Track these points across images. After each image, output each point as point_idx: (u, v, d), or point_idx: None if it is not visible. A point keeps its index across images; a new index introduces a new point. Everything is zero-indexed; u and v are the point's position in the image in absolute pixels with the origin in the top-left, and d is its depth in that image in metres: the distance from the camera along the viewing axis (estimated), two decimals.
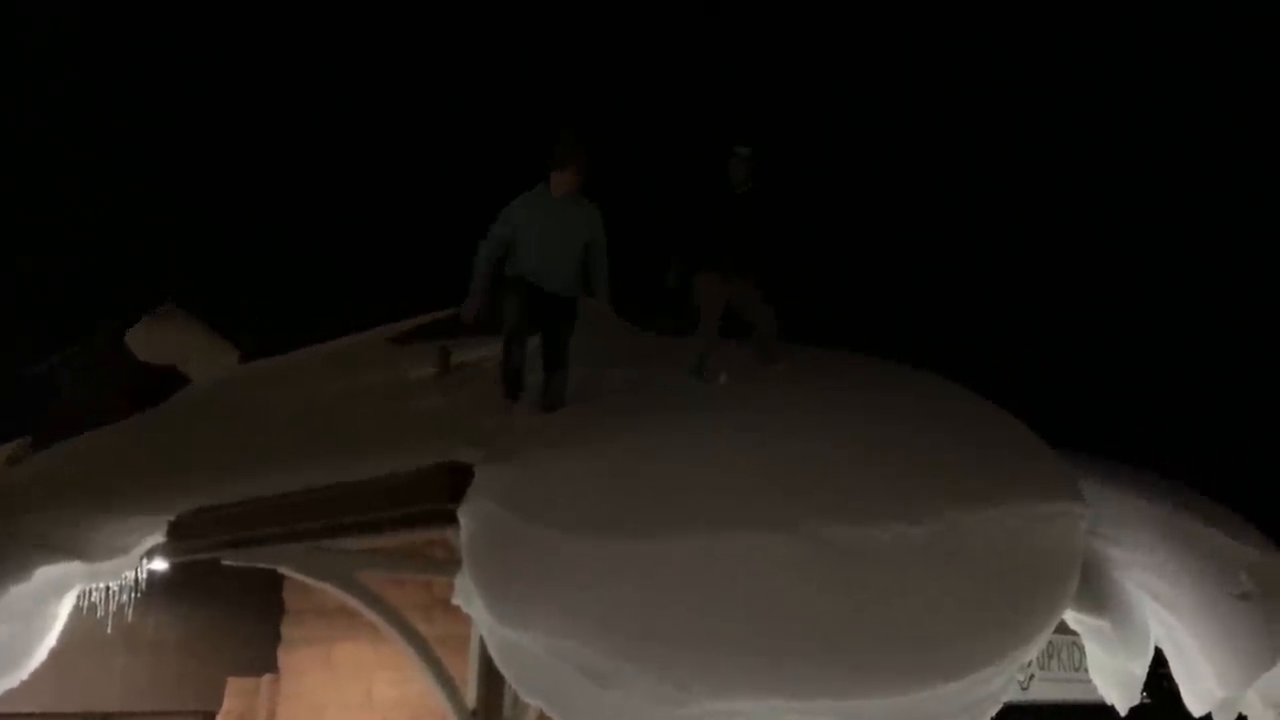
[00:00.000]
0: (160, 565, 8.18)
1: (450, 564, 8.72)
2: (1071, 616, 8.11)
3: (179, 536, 7.44)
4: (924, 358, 7.18)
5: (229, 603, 10.14)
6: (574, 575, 4.67)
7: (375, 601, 8.31)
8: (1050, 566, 5.55)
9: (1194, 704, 8.14)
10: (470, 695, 8.37)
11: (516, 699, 8.30)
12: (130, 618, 8.72)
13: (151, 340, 12.05)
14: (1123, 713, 8.36)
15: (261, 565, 7.66)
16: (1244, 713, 8.29)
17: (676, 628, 4.43)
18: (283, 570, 8.05)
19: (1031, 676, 9.32)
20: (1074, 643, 9.55)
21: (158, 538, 7.29)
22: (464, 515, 5.32)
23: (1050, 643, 9.92)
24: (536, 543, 4.89)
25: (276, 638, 10.59)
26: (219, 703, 10.12)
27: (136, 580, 8.03)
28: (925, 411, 6.08)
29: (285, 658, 10.54)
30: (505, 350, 6.35)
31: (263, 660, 10.46)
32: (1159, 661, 8.51)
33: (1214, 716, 8.16)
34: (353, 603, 8.21)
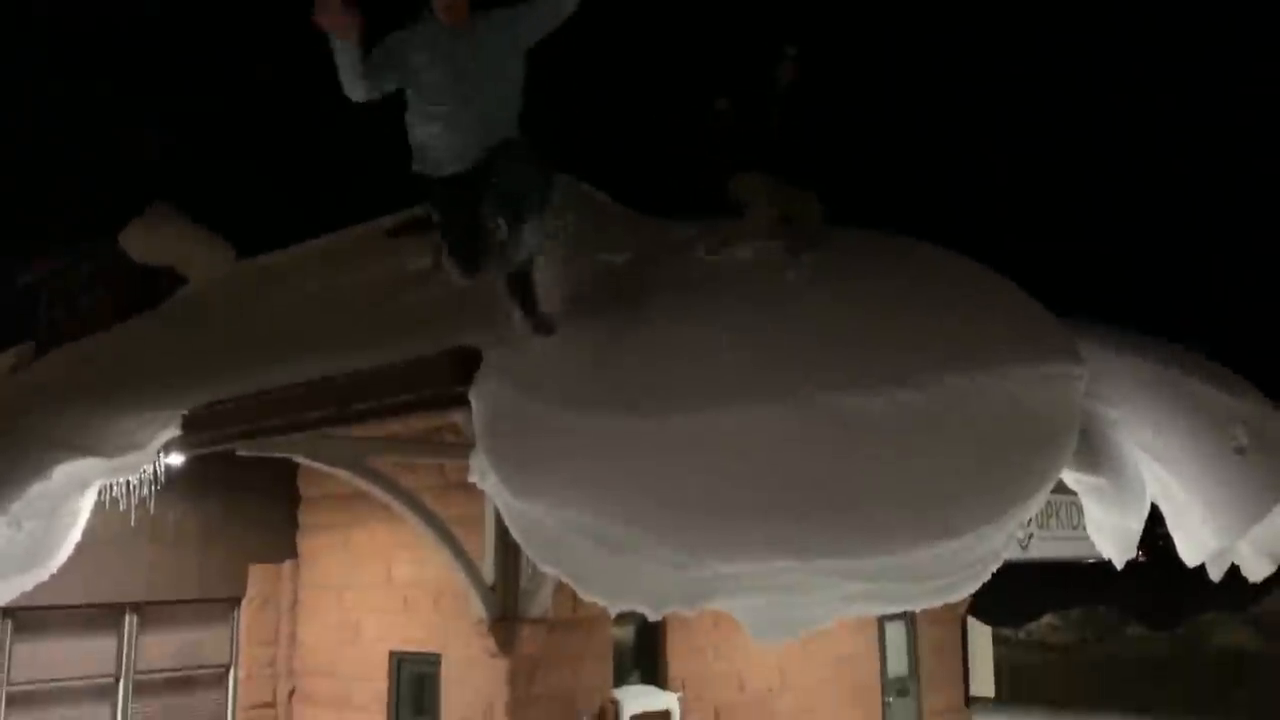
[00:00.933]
0: (177, 459, 8.33)
1: (460, 448, 8.89)
2: (1069, 475, 8.30)
3: (193, 430, 7.57)
4: (924, 225, 7.16)
5: (247, 493, 10.38)
6: (584, 449, 4.79)
7: (389, 485, 8.51)
8: (1048, 427, 5.66)
9: (1189, 556, 8.40)
10: (488, 571, 8.65)
11: (534, 571, 8.59)
12: (152, 511, 8.92)
13: (146, 241, 11.98)
14: (1119, 567, 8.63)
15: (275, 455, 7.82)
16: (1236, 562, 8.56)
17: (684, 495, 4.57)
18: (296, 459, 8.22)
19: (1031, 535, 9.59)
20: (1072, 502, 9.80)
21: (172, 431, 7.42)
22: (475, 396, 5.41)
23: (1049, 502, 10.20)
24: (547, 419, 5.00)
25: (295, 525, 10.87)
26: (243, 589, 10.45)
27: (155, 474, 8.19)
28: (924, 279, 6.11)
29: (305, 543, 10.84)
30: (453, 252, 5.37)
31: (283, 547, 10.75)
32: (1155, 519, 8.75)
33: (1208, 567, 8.44)
34: (367, 487, 8.42)
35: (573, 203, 9.59)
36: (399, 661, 9.78)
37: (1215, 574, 8.68)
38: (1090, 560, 9.27)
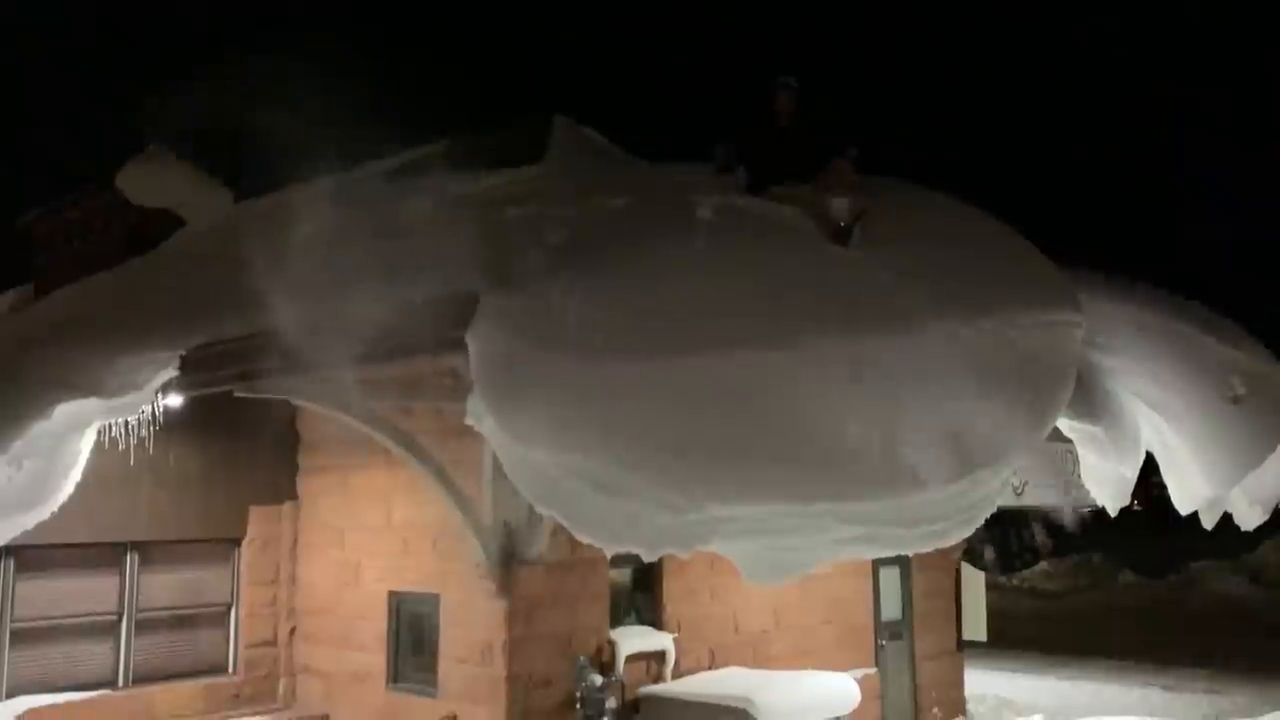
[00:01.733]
0: (176, 400, 8.35)
1: (458, 392, 8.92)
2: (1066, 423, 8.33)
3: (191, 371, 7.58)
4: (928, 173, 7.10)
5: (247, 435, 10.42)
6: (580, 393, 4.80)
7: (388, 429, 8.55)
8: (1046, 373, 5.68)
9: (1182, 503, 8.45)
10: (485, 514, 8.71)
11: (532, 514, 8.65)
12: (152, 451, 8.96)
13: (142, 182, 11.92)
14: (1113, 514, 8.70)
15: (273, 397, 7.85)
16: (1229, 511, 8.61)
17: (680, 439, 4.59)
18: (295, 401, 8.25)
19: (1026, 483, 9.64)
20: (1068, 450, 9.84)
21: (170, 372, 7.43)
22: (471, 339, 5.42)
23: (1042, 450, 10.23)
24: (544, 364, 5.01)
25: (295, 467, 10.92)
26: (243, 530, 10.54)
27: (155, 415, 8.22)
28: (932, 229, 6.09)
29: (304, 485, 10.90)
30: None
31: (283, 488, 10.82)
32: (1150, 469, 8.79)
33: (1201, 515, 8.50)
34: (366, 430, 8.45)
35: (573, 146, 9.53)
36: (398, 602, 9.89)
37: (1208, 522, 8.75)
38: (1085, 509, 9.33)
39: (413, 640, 9.79)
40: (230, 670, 10.40)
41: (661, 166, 8.85)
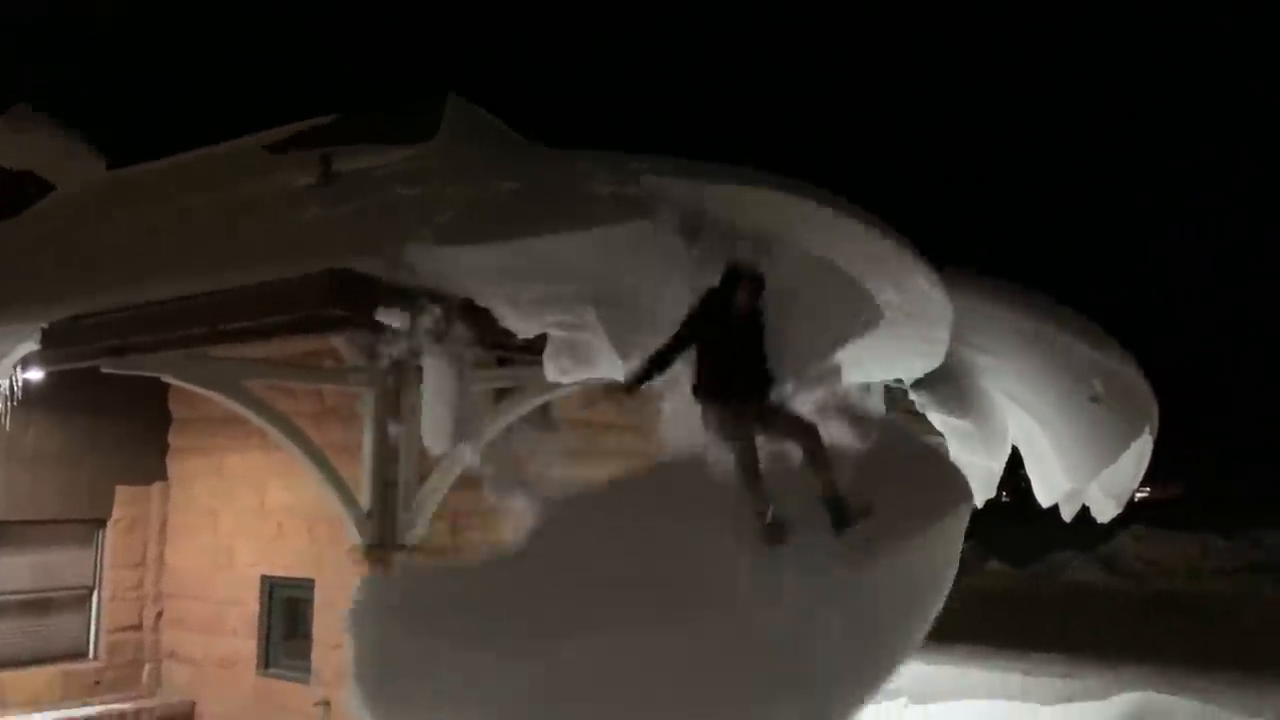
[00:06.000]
0: (36, 374, 7.95)
1: (339, 373, 8.74)
2: (937, 419, 8.64)
3: (53, 344, 7.22)
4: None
5: (112, 412, 9.99)
6: (457, 690, 4.64)
7: (264, 409, 8.30)
8: None
9: (1044, 496, 8.87)
10: (364, 498, 8.55)
11: (411, 499, 8.55)
12: (10, 428, 8.52)
13: (8, 143, 11.32)
14: (980, 505, 9.04)
15: (143, 373, 7.54)
16: (1087, 504, 9.07)
17: None
18: (166, 378, 7.94)
19: None
20: (939, 445, 10.17)
21: (30, 346, 7.07)
22: (351, 627, 5.07)
23: None
24: (421, 655, 4.80)
25: (164, 446, 10.54)
26: (109, 510, 10.12)
27: (12, 389, 7.81)
28: None
29: (175, 466, 10.53)
30: None
31: (151, 469, 10.43)
32: (1016, 463, 9.17)
33: (1060, 507, 8.93)
34: (241, 411, 8.20)
35: (466, 126, 9.39)
36: (271, 586, 9.65)
37: (1067, 514, 9.20)
38: None
39: (286, 625, 9.57)
40: (91, 656, 10.00)
41: (556, 151, 8.81)
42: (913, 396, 8.41)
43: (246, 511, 9.85)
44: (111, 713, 9.49)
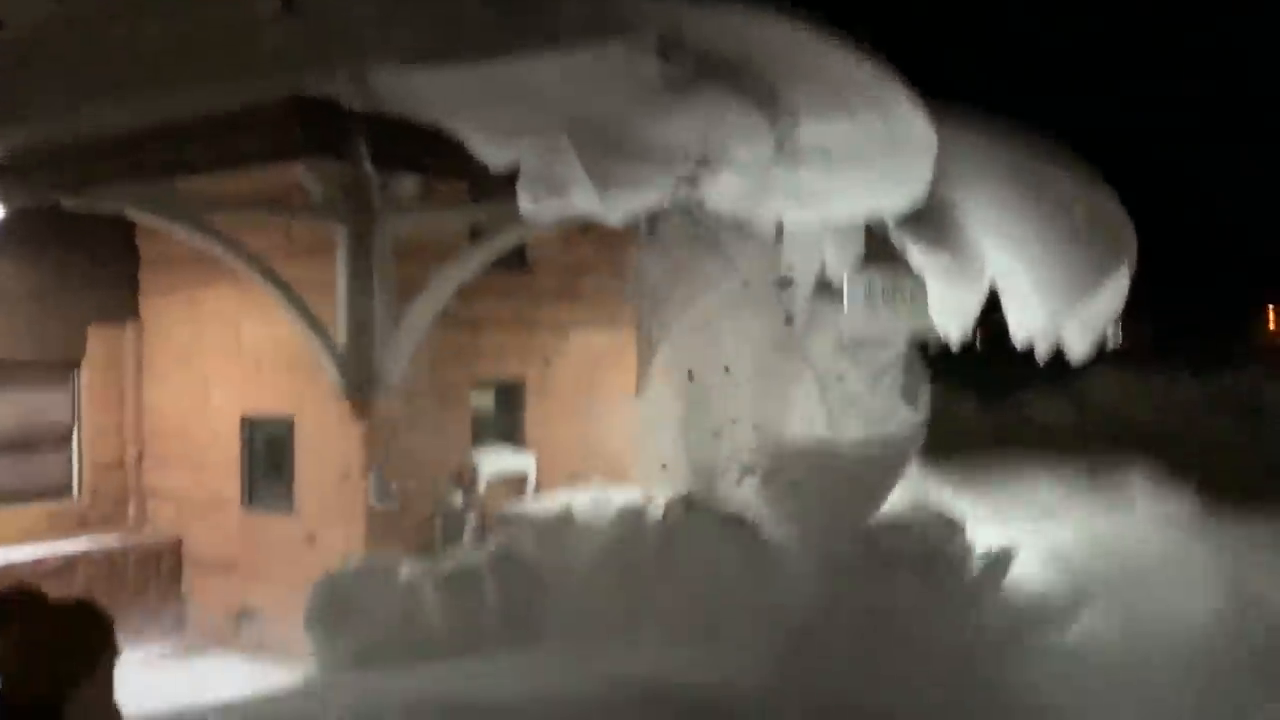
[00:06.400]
0: None
1: (307, 209, 8.55)
2: (917, 255, 8.59)
3: (11, 179, 7.00)
4: None
5: (81, 251, 9.77)
6: None
7: (234, 247, 8.15)
8: None
9: (1020, 332, 8.90)
10: (340, 337, 8.51)
11: (388, 338, 8.51)
12: None
13: None
14: (956, 344, 9.09)
15: (107, 209, 7.35)
16: (1061, 341, 9.12)
17: None
18: (132, 215, 7.75)
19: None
20: (918, 282, 10.16)
21: None
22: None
23: (895, 280, 10.52)
24: None
25: (135, 285, 10.38)
26: (83, 351, 10.05)
27: None
28: None
29: (147, 305, 10.40)
30: None
31: (123, 308, 10.30)
32: (991, 306, 9.18)
33: (1035, 344, 8.98)
34: (210, 248, 8.04)
35: None
36: (251, 425, 9.69)
37: (1041, 352, 9.25)
38: (931, 337, 9.74)
39: (268, 463, 9.66)
40: (75, 494, 10.10)
41: None
42: (894, 233, 8.34)
43: (222, 351, 9.79)
44: (99, 548, 9.66)
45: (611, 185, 5.59)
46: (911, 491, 8.56)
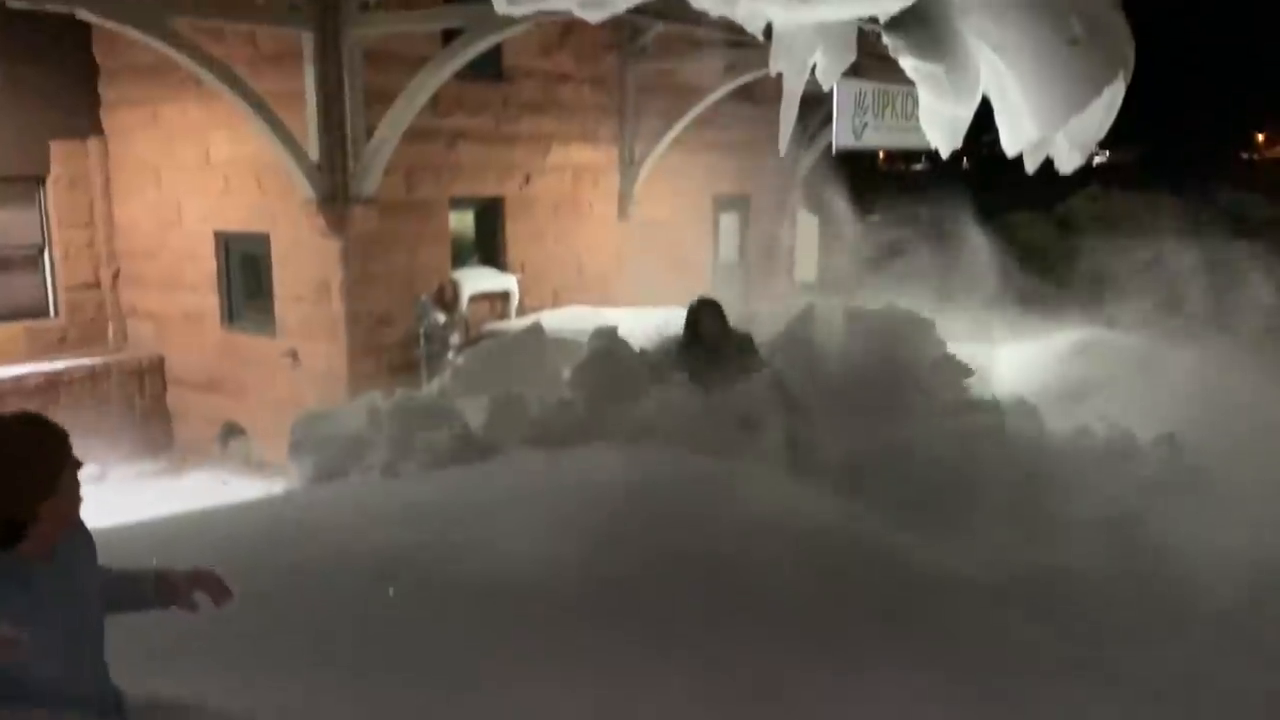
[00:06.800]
0: None
1: (271, 12, 8.11)
2: (910, 64, 8.27)
3: None
4: None
5: (35, 62, 9.31)
6: None
7: (197, 54, 7.77)
8: None
9: (1010, 145, 8.67)
10: (312, 149, 8.24)
11: (362, 151, 8.25)
12: None
13: None
14: (945, 156, 8.89)
15: (55, 7, 6.92)
16: (1051, 155, 8.95)
17: None
18: (83, 14, 7.30)
19: (865, 124, 9.70)
20: (908, 93, 9.88)
21: None
22: None
23: (886, 92, 10.23)
24: None
25: (96, 99, 9.97)
26: (46, 167, 9.73)
27: None
28: None
29: (110, 120, 10.02)
30: None
31: (85, 123, 9.92)
32: (978, 128, 8.96)
33: (1025, 159, 8.80)
34: (171, 54, 7.66)
35: None
36: (226, 242, 9.52)
37: (1031, 165, 9.05)
38: (920, 149, 9.56)
39: (245, 280, 9.55)
40: (52, 314, 10.00)
41: None
42: (885, 39, 8.02)
43: (191, 166, 9.50)
44: (82, 367, 9.63)
45: None
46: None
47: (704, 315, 6.33)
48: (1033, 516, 5.07)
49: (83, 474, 2.23)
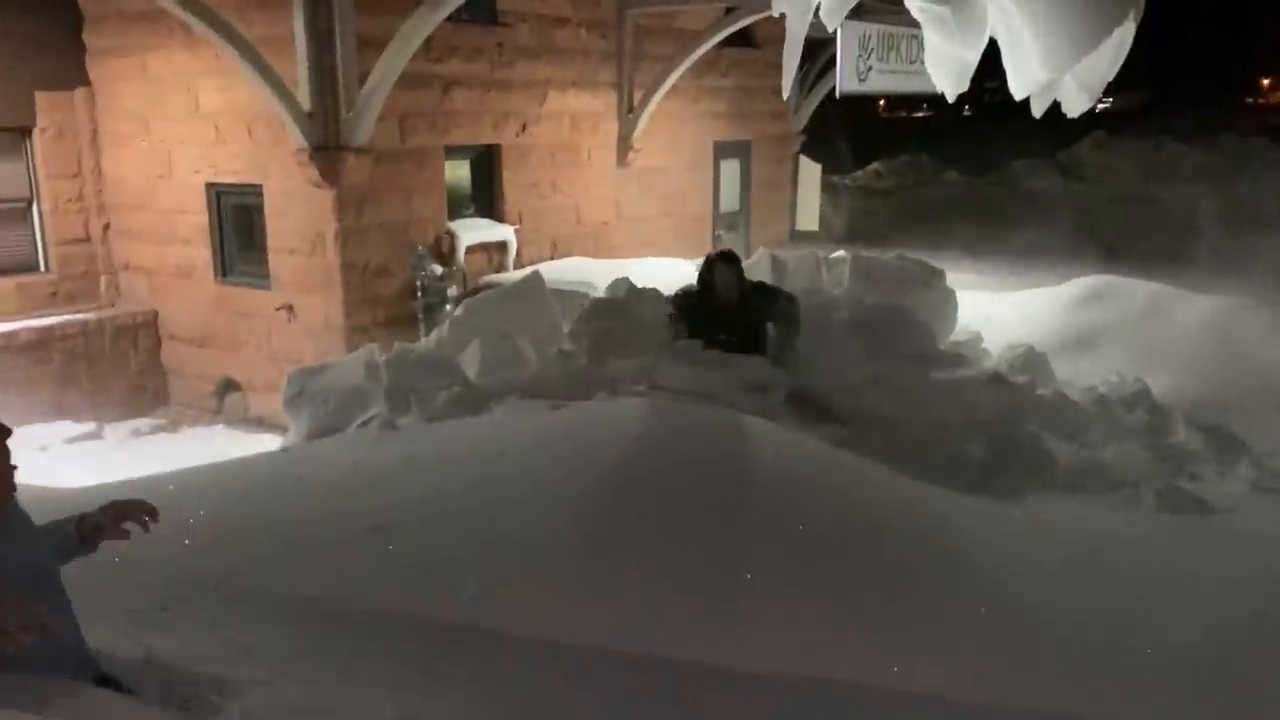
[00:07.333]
0: None
1: None
2: (915, 4, 8.07)
3: None
4: None
5: (17, 12, 9.07)
6: None
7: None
8: None
9: (1018, 87, 8.48)
10: (304, 98, 8.05)
11: (355, 98, 8.05)
12: None
13: None
14: (951, 99, 8.72)
15: None
16: (1058, 99, 8.76)
17: None
18: None
19: (870, 68, 9.49)
20: (913, 35, 9.66)
21: None
22: None
23: (891, 35, 10.00)
24: None
25: (81, 47, 9.73)
26: (32, 118, 9.51)
27: None
28: None
29: (96, 69, 9.79)
30: None
31: (70, 73, 9.69)
32: (981, 76, 8.77)
33: (1032, 102, 8.61)
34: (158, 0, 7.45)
35: None
36: (218, 194, 9.34)
37: (1038, 108, 8.86)
38: (925, 94, 9.34)
39: (238, 232, 9.39)
40: (43, 268, 9.85)
41: None
42: None
43: (180, 116, 9.30)
44: (75, 323, 9.50)
45: None
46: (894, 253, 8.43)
47: (720, 270, 5.99)
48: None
49: (79, 431, 2.14)
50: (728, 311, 5.91)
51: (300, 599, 3.14)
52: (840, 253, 8.12)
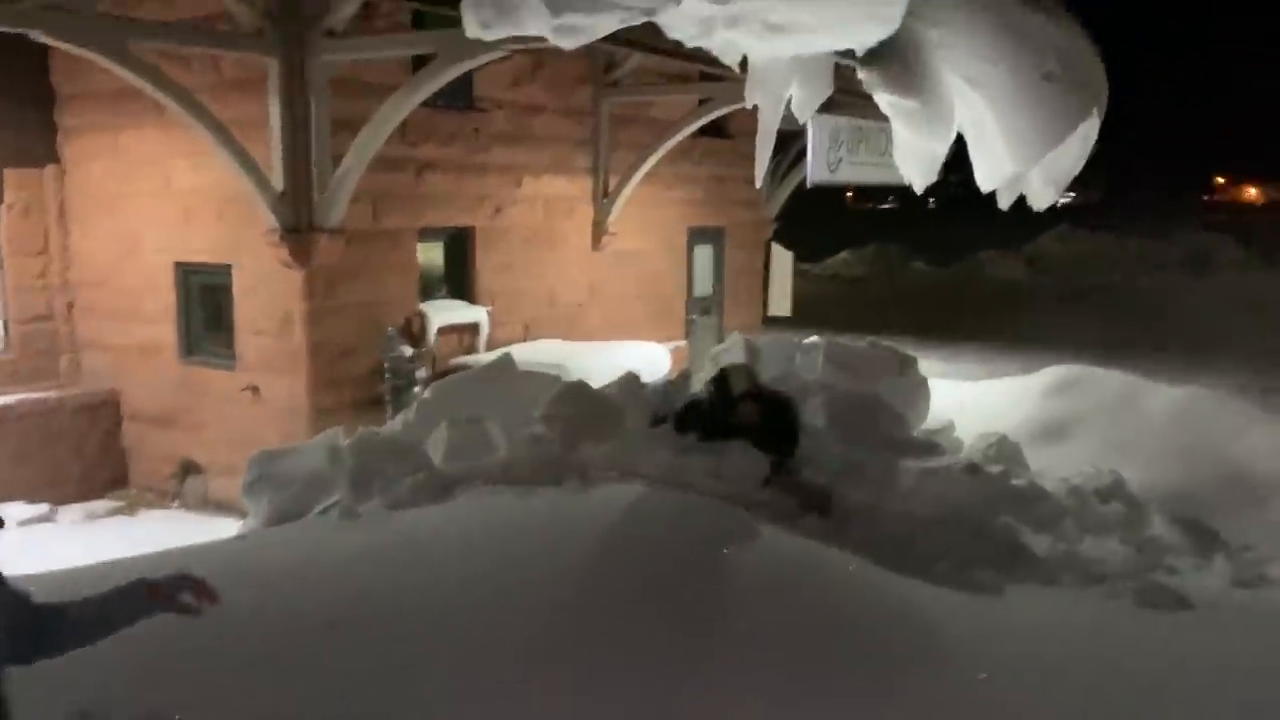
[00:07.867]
0: None
1: (236, 38, 7.92)
2: (886, 100, 8.22)
3: None
4: None
5: None
6: None
7: (159, 80, 7.55)
8: None
9: (985, 181, 8.64)
10: (276, 178, 8.03)
11: (327, 179, 8.05)
12: None
13: None
14: (919, 191, 8.83)
15: (10, 29, 6.69)
16: (1024, 194, 8.92)
17: None
18: (38, 36, 7.08)
19: (840, 160, 9.63)
20: (882, 129, 9.84)
21: None
22: None
23: (860, 128, 10.17)
24: None
25: (53, 126, 9.71)
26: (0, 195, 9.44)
27: None
28: None
29: (67, 147, 9.75)
30: None
31: (41, 150, 9.64)
32: (948, 168, 8.95)
33: (998, 195, 8.76)
34: (130, 78, 7.43)
35: None
36: (185, 273, 9.25)
37: (1005, 201, 9.00)
38: (894, 185, 9.48)
39: (205, 312, 9.27)
40: (1, 347, 9.66)
41: None
42: (861, 74, 7.96)
43: (150, 195, 9.25)
44: (31, 401, 9.29)
45: (564, 8, 5.14)
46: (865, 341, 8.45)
47: (736, 386, 5.86)
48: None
49: (31, 513, 2.07)
50: (745, 431, 5.77)
51: (249, 693, 2.99)
52: (814, 338, 8.13)
